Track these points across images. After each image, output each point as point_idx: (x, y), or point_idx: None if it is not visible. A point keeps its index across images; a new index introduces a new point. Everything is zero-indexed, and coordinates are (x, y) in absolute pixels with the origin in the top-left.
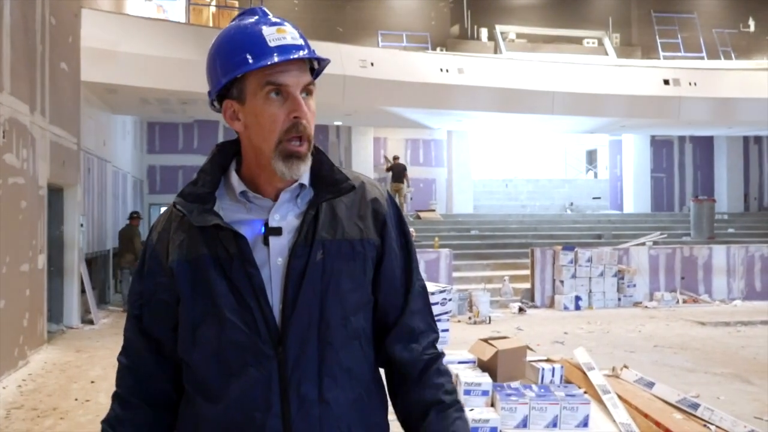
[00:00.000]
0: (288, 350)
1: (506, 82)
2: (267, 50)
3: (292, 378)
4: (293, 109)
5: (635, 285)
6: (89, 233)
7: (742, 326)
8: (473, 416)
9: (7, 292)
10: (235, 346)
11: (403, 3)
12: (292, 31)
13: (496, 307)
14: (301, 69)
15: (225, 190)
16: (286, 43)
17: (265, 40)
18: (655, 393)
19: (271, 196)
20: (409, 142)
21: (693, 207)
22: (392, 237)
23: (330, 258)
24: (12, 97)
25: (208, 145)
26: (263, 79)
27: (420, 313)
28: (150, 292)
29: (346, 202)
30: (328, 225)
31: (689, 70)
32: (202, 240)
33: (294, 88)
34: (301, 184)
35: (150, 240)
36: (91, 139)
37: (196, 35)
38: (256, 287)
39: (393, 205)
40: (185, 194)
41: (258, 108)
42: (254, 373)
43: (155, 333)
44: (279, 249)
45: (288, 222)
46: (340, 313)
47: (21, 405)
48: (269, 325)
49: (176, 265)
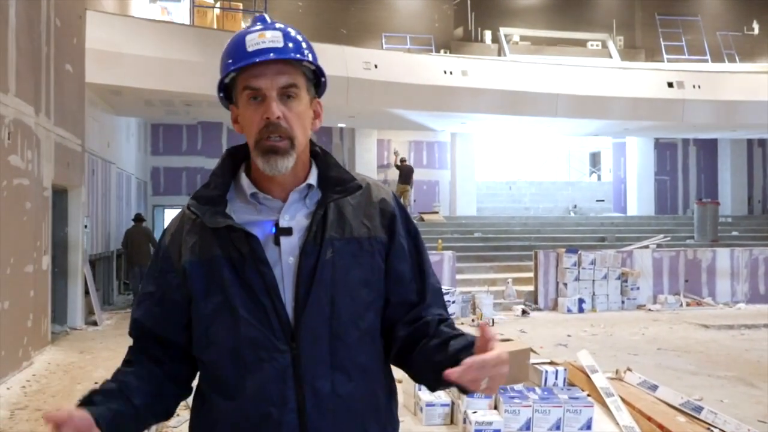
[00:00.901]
0: (301, 345)
1: (510, 84)
2: (244, 55)
3: (306, 373)
4: (264, 111)
5: (639, 288)
6: (93, 234)
7: (746, 329)
8: (476, 419)
9: (12, 293)
10: (249, 342)
11: (407, 5)
12: (277, 35)
13: (499, 309)
14: (280, 71)
15: (235, 192)
16: (263, 47)
17: (245, 45)
18: (659, 396)
19: (280, 197)
20: (413, 144)
21: (697, 210)
22: (401, 235)
23: (339, 256)
24: (17, 99)
25: (211, 147)
26: (243, 83)
27: (436, 306)
28: (161, 292)
29: (353, 203)
30: (337, 224)
31: (693, 73)
32: (215, 241)
33: (268, 91)
34: (309, 185)
35: (163, 242)
36: (95, 141)
37: (200, 37)
38: (268, 285)
39: (400, 206)
40: (198, 197)
41: (242, 110)
42: (269, 369)
43: (165, 332)
44: (290, 248)
45: (297, 222)
46: (350, 310)
47: (25, 406)
48: (282, 321)
49: (189, 265)
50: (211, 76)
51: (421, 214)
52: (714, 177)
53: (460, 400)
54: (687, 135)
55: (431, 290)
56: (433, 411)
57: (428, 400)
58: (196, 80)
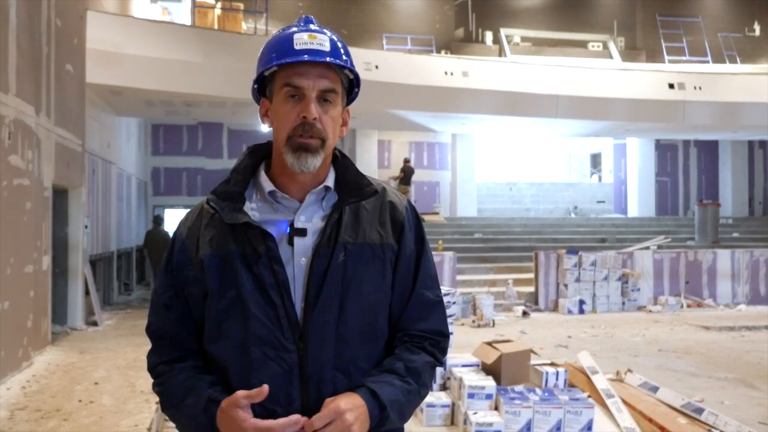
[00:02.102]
0: (308, 346)
1: (511, 85)
2: (290, 51)
3: (312, 373)
4: (302, 110)
5: (639, 289)
6: (94, 235)
7: (747, 331)
8: (477, 420)
9: (12, 293)
10: (257, 339)
11: (408, 6)
12: (324, 39)
13: (499, 310)
14: (323, 75)
15: (254, 189)
16: (311, 47)
17: (293, 42)
18: (660, 397)
19: (298, 197)
20: (414, 145)
21: (697, 211)
22: (407, 244)
23: (351, 260)
24: (17, 99)
25: (212, 147)
26: (284, 80)
27: (423, 319)
28: (179, 285)
29: (369, 208)
30: (351, 228)
31: (694, 74)
32: (231, 237)
33: (309, 91)
34: (326, 187)
35: (179, 234)
36: (95, 141)
37: (200, 38)
38: (281, 284)
39: (413, 213)
40: (218, 192)
41: (278, 106)
42: (275, 368)
43: (183, 325)
44: (303, 249)
45: (313, 224)
46: (359, 314)
47: (25, 406)
48: (291, 321)
49: (207, 258)
50: (212, 76)
51: (422, 214)
52: (715, 178)
53: (460, 400)
54: (688, 136)
55: (419, 302)
56: (434, 412)
57: (429, 401)
58: (196, 80)
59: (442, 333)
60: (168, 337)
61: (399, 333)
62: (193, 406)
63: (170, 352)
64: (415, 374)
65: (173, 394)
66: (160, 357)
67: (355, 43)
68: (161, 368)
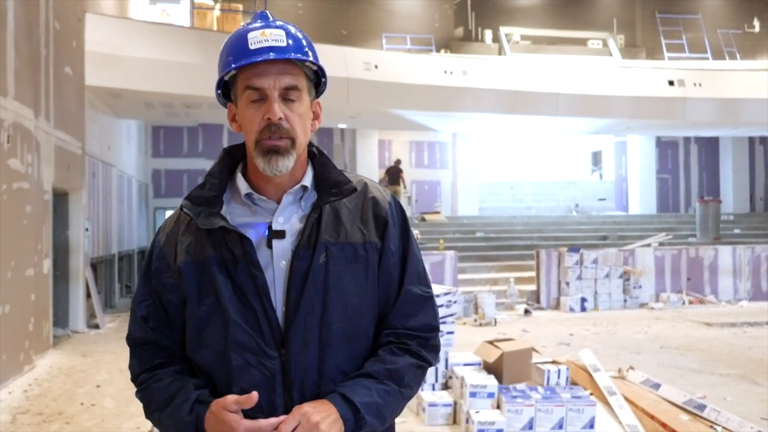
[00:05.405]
0: (291, 351)
1: (510, 83)
2: (246, 52)
3: (295, 379)
4: (266, 111)
5: (641, 286)
6: (95, 237)
7: (749, 327)
8: (479, 418)
9: (13, 296)
10: (238, 346)
11: (407, 5)
12: (280, 34)
13: (501, 309)
14: (283, 71)
15: (231, 193)
16: (265, 45)
17: (247, 42)
18: (662, 394)
19: (276, 198)
20: (414, 145)
21: (699, 208)
22: (391, 240)
23: (333, 261)
24: (16, 102)
25: (212, 149)
26: (244, 82)
27: (413, 315)
28: (158, 292)
29: (350, 206)
30: (331, 228)
31: (694, 71)
32: (208, 242)
33: (270, 91)
34: (303, 187)
35: (157, 241)
36: (95, 144)
37: (200, 39)
38: (260, 289)
39: (398, 208)
40: (193, 197)
41: (242, 110)
42: (256, 375)
43: (162, 334)
44: (282, 252)
45: (291, 225)
46: (342, 316)
47: (27, 410)
48: (272, 327)
49: (184, 266)
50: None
51: (423, 214)
52: (716, 175)
53: (462, 399)
54: (688, 133)
55: (407, 299)
56: (436, 411)
57: (431, 400)
58: (196, 82)
59: (432, 327)
60: (149, 343)
61: (385, 332)
62: (180, 407)
63: (151, 359)
64: (396, 376)
65: (157, 398)
66: (141, 366)
67: (355, 43)
68: (143, 377)
